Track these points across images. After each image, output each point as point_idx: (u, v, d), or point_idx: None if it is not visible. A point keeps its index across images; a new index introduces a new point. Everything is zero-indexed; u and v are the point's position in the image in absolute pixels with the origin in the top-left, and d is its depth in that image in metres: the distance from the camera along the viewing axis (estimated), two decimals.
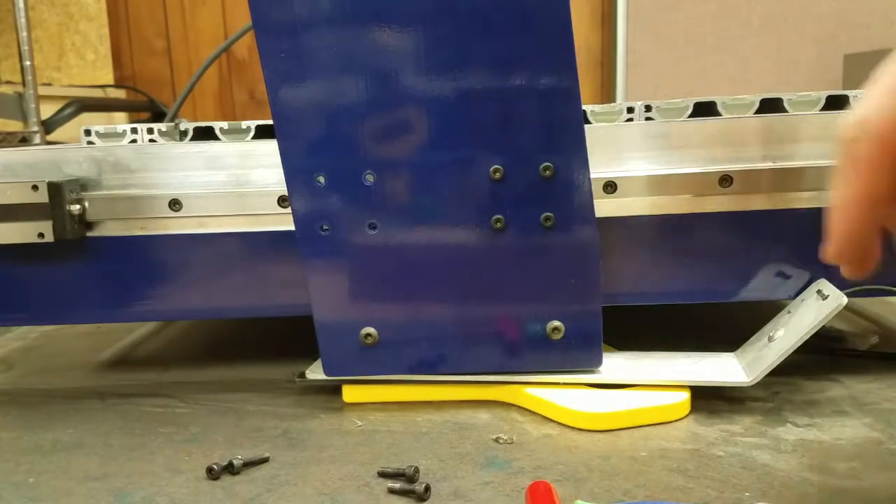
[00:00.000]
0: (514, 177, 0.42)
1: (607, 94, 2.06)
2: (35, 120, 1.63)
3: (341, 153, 0.42)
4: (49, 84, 1.95)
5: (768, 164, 0.46)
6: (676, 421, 0.42)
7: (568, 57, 0.40)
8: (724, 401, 0.44)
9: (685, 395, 0.43)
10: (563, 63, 0.40)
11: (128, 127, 0.61)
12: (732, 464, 0.37)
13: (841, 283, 0.44)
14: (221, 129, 0.60)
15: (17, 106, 1.63)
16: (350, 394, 0.47)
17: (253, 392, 0.50)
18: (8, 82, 1.78)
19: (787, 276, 0.47)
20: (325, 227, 0.43)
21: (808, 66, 1.92)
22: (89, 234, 0.48)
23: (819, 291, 0.44)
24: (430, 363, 0.45)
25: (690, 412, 0.43)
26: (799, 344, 0.41)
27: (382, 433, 0.42)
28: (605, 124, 0.48)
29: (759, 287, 0.47)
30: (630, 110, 0.59)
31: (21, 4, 1.62)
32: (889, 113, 0.26)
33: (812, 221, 0.46)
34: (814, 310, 0.43)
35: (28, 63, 1.64)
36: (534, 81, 0.41)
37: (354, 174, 0.42)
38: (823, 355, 0.51)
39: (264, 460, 0.39)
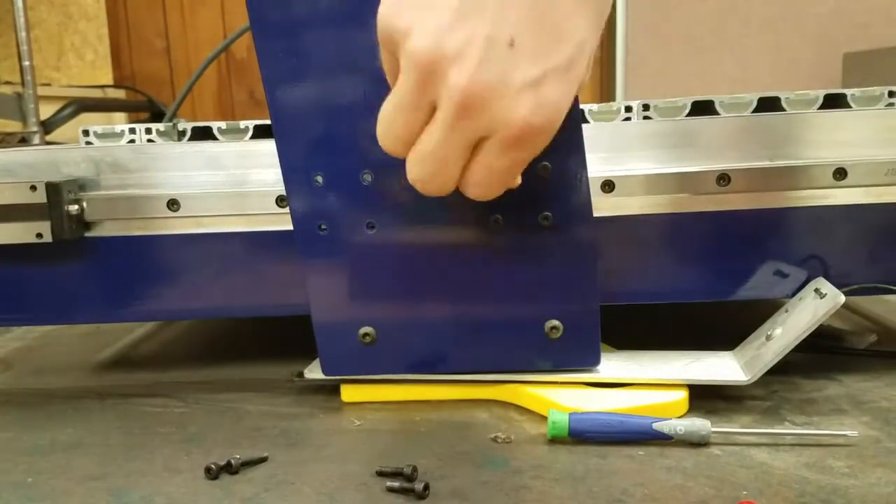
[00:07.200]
0: None
1: (606, 93, 2.06)
2: (34, 120, 1.63)
3: (339, 153, 0.42)
4: (48, 84, 1.95)
5: (766, 163, 0.46)
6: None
7: None
8: (723, 399, 0.44)
9: (682, 394, 0.43)
10: None
11: (126, 127, 0.61)
12: (730, 462, 0.37)
13: (839, 282, 0.44)
14: (220, 129, 0.60)
15: (17, 106, 1.63)
16: (348, 393, 0.47)
17: (251, 392, 0.50)
18: (7, 82, 1.79)
19: (784, 275, 0.47)
20: (323, 226, 0.43)
21: (807, 64, 1.92)
22: (87, 234, 0.49)
23: (817, 290, 0.44)
24: (429, 362, 0.45)
25: (688, 411, 0.43)
26: (797, 342, 0.41)
27: (381, 432, 0.42)
28: (603, 123, 0.48)
29: (756, 286, 0.47)
30: (628, 109, 0.59)
31: (20, 4, 1.62)
32: None
33: (810, 220, 0.46)
34: (811, 308, 0.43)
35: (27, 63, 1.64)
36: None
37: (352, 174, 0.42)
38: (821, 354, 0.51)
39: (263, 460, 0.39)
